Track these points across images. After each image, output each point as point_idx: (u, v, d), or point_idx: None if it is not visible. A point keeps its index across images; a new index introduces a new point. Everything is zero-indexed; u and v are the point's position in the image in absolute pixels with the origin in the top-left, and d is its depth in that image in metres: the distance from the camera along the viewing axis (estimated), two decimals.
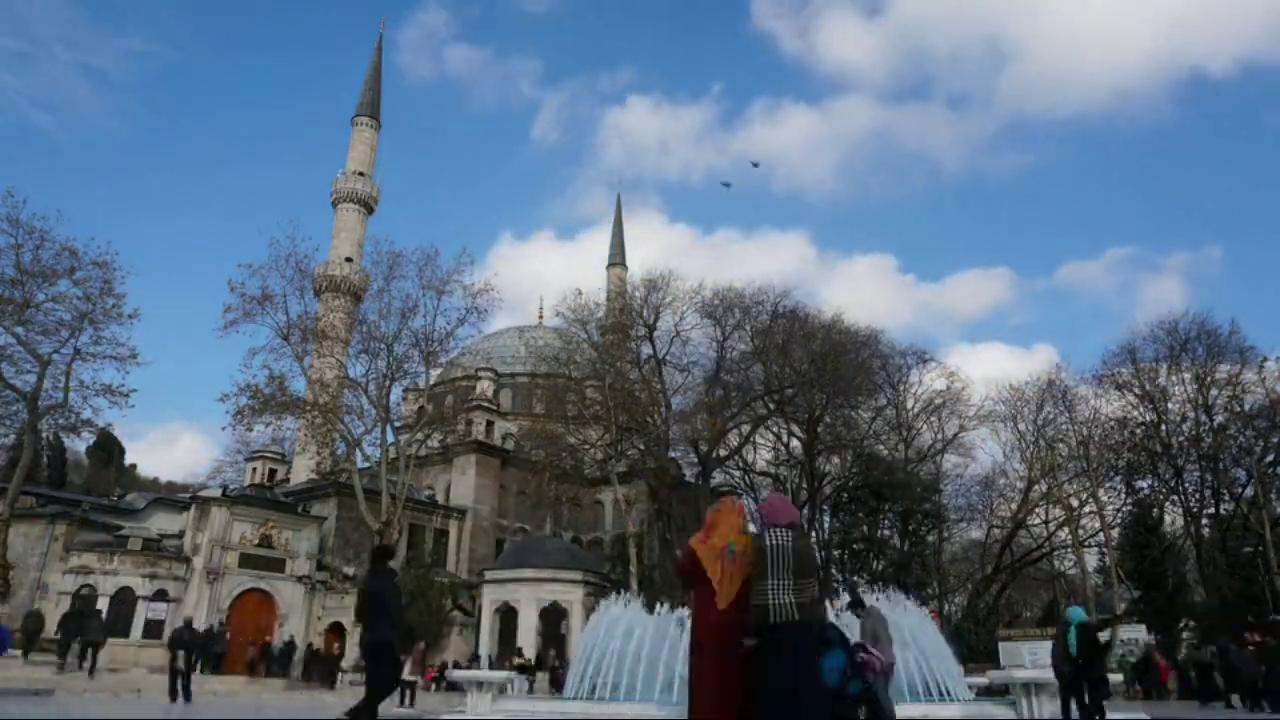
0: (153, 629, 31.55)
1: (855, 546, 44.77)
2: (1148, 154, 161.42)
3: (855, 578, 40.34)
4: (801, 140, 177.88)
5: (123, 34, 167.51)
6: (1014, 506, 44.18)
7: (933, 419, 46.29)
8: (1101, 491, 41.06)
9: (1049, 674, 11.31)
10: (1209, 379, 39.24)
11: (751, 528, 6.69)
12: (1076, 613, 11.14)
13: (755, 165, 74.87)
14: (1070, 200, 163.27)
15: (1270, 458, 38.05)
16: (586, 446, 41.62)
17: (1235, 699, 20.75)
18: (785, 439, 46.49)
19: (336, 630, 35.52)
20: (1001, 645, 29.15)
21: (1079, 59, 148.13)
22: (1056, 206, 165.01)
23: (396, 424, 41.60)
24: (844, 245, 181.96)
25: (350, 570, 37.29)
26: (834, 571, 41.99)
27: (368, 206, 59.51)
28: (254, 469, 50.06)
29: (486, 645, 34.73)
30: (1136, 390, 41.03)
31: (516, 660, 29.97)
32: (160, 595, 32.35)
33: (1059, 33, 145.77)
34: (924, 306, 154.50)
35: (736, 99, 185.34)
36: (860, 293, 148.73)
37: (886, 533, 45.47)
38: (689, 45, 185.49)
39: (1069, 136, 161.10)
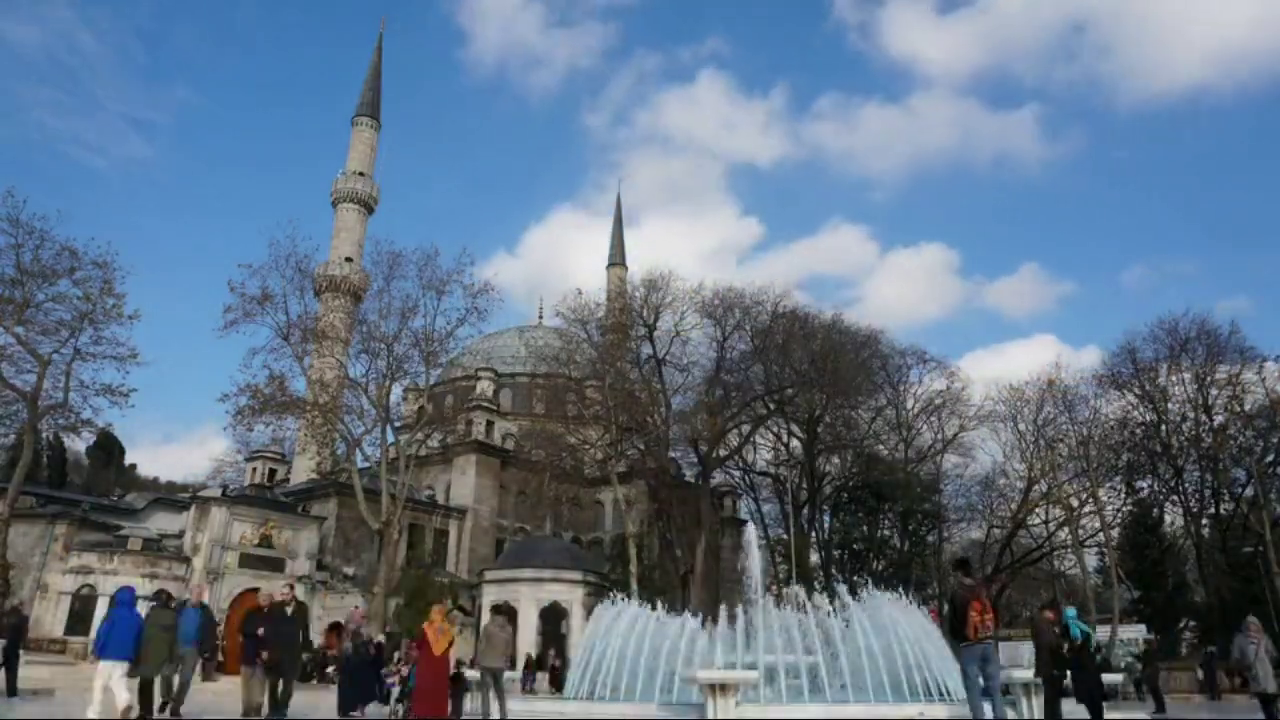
0: None
1: (855, 546, 44.79)
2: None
3: (855, 578, 40.33)
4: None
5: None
6: (1014, 506, 44.13)
7: (933, 419, 46.32)
8: (1101, 491, 41.02)
9: None
10: (1209, 379, 39.21)
11: None
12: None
13: None
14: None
15: (1270, 458, 38.03)
16: (586, 446, 41.59)
17: None
18: (785, 439, 46.50)
19: (336, 630, 35.49)
20: (1001, 645, 29.12)
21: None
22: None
23: (396, 424, 41.56)
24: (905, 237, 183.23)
25: (350, 570, 37.21)
26: (834, 571, 42.01)
27: (368, 206, 59.62)
28: (254, 469, 50.06)
29: None
30: (1136, 390, 41.02)
31: None
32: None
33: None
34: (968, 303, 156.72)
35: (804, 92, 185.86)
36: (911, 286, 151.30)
37: (886, 533, 45.50)
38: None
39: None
